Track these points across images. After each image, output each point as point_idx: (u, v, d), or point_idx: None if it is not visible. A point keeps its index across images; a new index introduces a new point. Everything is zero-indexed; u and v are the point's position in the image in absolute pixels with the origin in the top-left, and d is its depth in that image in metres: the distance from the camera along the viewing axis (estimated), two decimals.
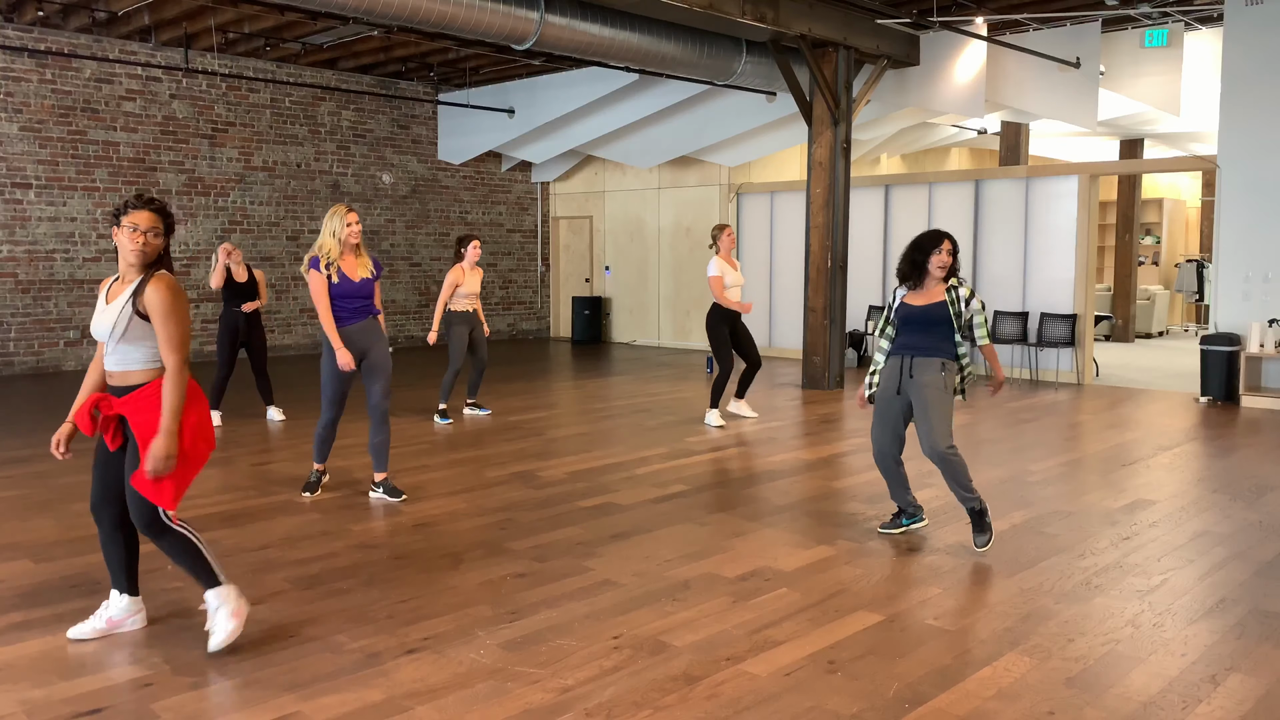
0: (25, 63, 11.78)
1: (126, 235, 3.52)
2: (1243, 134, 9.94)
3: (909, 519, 5.20)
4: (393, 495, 5.88)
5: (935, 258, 4.87)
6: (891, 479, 5.14)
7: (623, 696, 3.28)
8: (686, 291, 15.35)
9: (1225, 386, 9.79)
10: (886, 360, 5.07)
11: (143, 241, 3.52)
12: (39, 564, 4.68)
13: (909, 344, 4.95)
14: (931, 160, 18.56)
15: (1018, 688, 3.35)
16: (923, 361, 4.89)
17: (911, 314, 4.94)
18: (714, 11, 9.12)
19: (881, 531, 5.19)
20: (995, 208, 12.11)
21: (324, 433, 5.81)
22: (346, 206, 5.64)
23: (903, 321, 4.99)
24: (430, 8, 8.56)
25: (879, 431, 5.09)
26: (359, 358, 5.66)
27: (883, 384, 5.06)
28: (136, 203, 3.55)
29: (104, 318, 3.58)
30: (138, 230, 3.51)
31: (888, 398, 5.03)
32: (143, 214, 3.54)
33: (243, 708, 3.20)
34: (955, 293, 4.89)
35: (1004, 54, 11.41)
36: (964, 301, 4.89)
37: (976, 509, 4.89)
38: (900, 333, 5.01)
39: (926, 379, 4.86)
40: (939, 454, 4.78)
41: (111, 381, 3.61)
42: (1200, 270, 17.86)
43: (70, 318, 12.29)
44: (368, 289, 5.67)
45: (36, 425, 8.37)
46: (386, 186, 15.26)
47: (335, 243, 5.56)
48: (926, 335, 4.90)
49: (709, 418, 8.47)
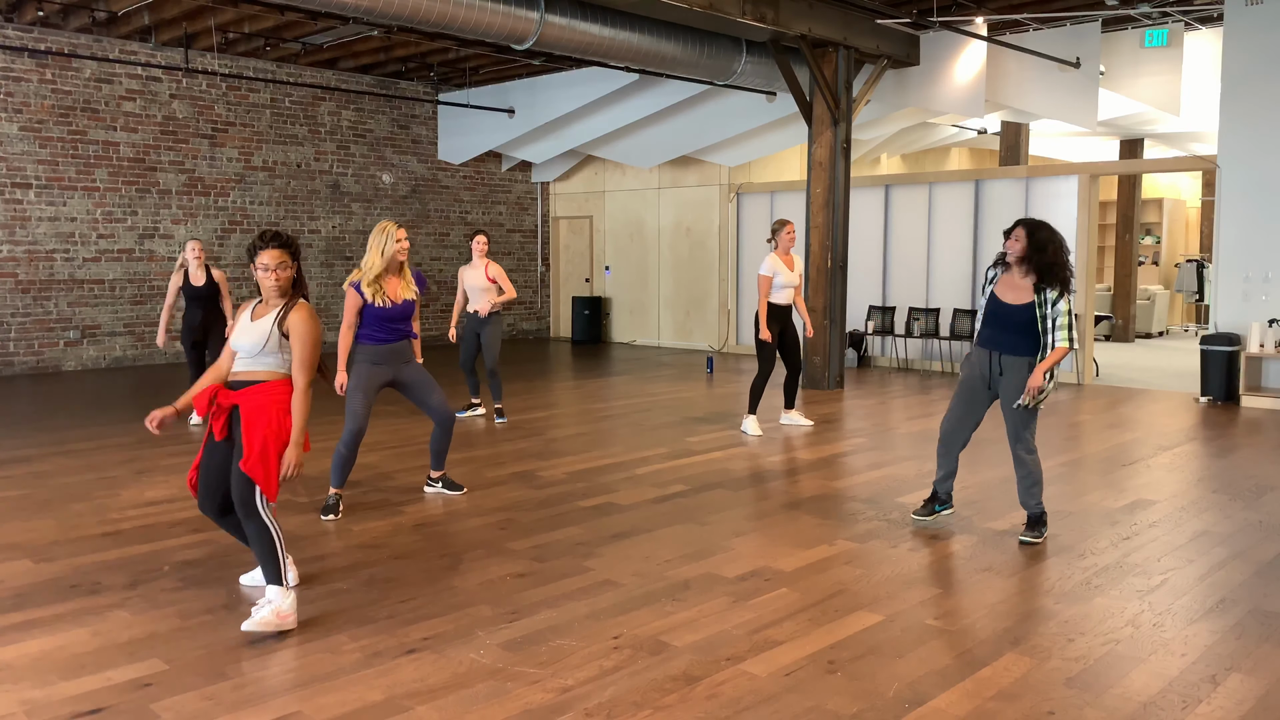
0: (25, 63, 11.78)
1: (259, 274, 3.92)
2: (1243, 134, 9.94)
3: (941, 505, 5.35)
4: (452, 489, 6.01)
5: (1007, 243, 4.92)
6: (948, 461, 5.25)
7: (623, 696, 3.28)
8: (687, 291, 15.35)
9: (1225, 386, 9.79)
10: (974, 348, 5.12)
11: (275, 278, 3.91)
12: (39, 564, 4.68)
13: (995, 340, 5.00)
14: (931, 160, 18.56)
15: (1018, 688, 3.35)
16: (1011, 360, 4.96)
17: (998, 310, 4.98)
18: (714, 11, 9.12)
19: (915, 518, 5.33)
20: (995, 208, 12.11)
21: (346, 452, 5.55)
22: (396, 223, 5.55)
23: (989, 315, 5.03)
24: (430, 8, 8.56)
25: (957, 414, 5.17)
26: (388, 381, 5.62)
27: (971, 371, 5.11)
28: (261, 243, 3.92)
29: (250, 335, 3.93)
30: (269, 270, 3.91)
31: (975, 386, 5.10)
32: (269, 253, 3.91)
33: (243, 707, 3.20)
34: (1044, 294, 4.87)
35: (1004, 54, 11.41)
36: (1050, 303, 4.85)
37: (1037, 514, 5.05)
38: (985, 325, 5.05)
39: (1017, 381, 4.93)
40: (1023, 456, 4.98)
41: (234, 377, 3.96)
42: (1200, 270, 17.86)
43: (70, 318, 12.29)
44: (409, 310, 5.62)
45: (36, 425, 8.37)
46: (386, 186, 15.26)
47: (382, 261, 5.49)
48: (1010, 333, 4.95)
49: (746, 425, 7.96)
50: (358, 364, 5.57)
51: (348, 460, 5.58)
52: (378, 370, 5.56)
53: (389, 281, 5.55)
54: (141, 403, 9.64)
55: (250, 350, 3.91)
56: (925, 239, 12.74)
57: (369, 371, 5.54)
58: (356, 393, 5.54)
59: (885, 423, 8.66)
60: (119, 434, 7.96)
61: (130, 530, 5.25)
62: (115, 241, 12.59)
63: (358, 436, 5.54)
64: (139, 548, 4.94)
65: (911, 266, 12.88)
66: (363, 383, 5.54)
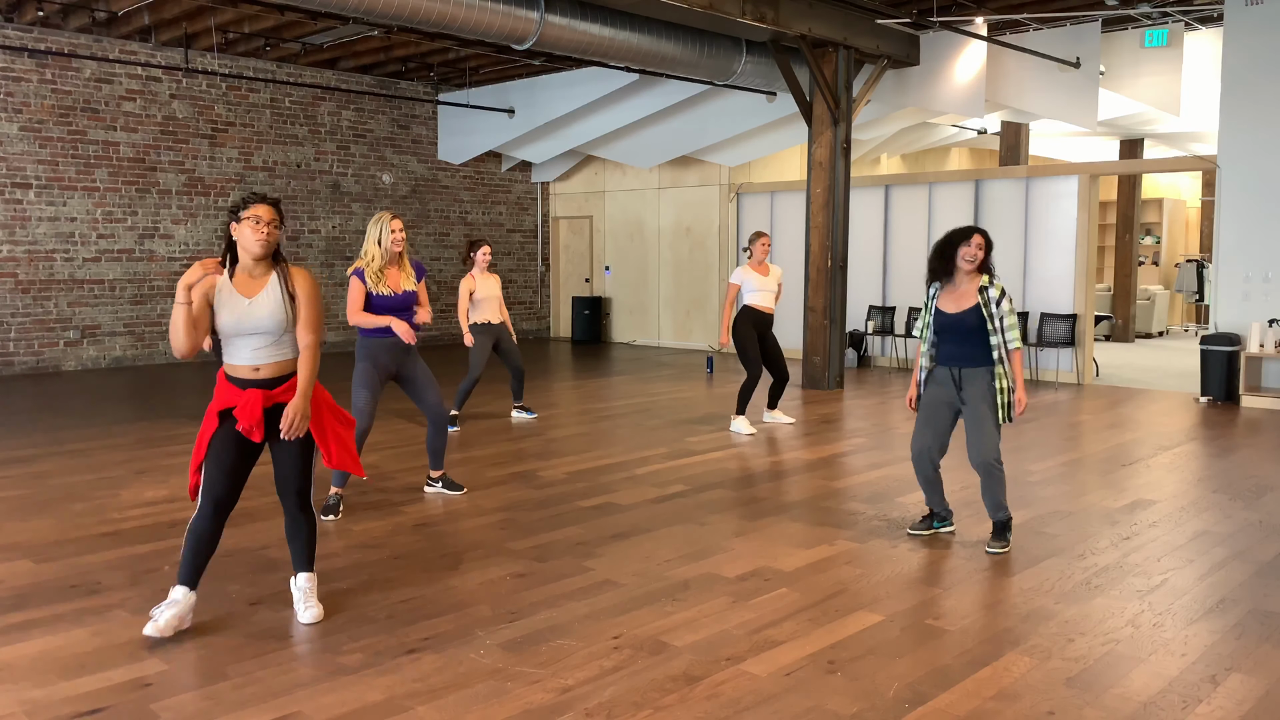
0: (25, 63, 11.78)
1: (250, 227, 3.71)
2: (1243, 134, 9.94)
3: (940, 522, 5.19)
4: (452, 489, 6.00)
5: (964, 249, 4.78)
6: (928, 482, 5.10)
7: (623, 696, 3.28)
8: (687, 292, 15.35)
9: (1225, 386, 9.79)
10: (934, 367, 5.01)
11: (267, 232, 3.73)
12: (39, 564, 4.68)
13: (952, 355, 4.89)
14: (931, 160, 18.56)
15: (1018, 688, 3.35)
16: (970, 373, 4.86)
17: (946, 323, 4.87)
18: (714, 11, 9.12)
19: (910, 533, 5.18)
20: (995, 208, 12.11)
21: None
22: (391, 213, 5.58)
23: (939, 330, 4.92)
24: (430, 8, 8.56)
25: (922, 434, 5.01)
26: (390, 375, 5.62)
27: (933, 390, 5.00)
28: (254, 197, 3.76)
29: (263, 309, 3.75)
30: (261, 222, 3.71)
31: (937, 404, 4.97)
32: (263, 207, 3.73)
33: (243, 707, 3.20)
34: (986, 293, 4.80)
35: (1004, 54, 11.42)
36: (994, 302, 4.79)
37: (1003, 521, 4.93)
38: (941, 342, 4.94)
39: (978, 391, 4.84)
40: (985, 465, 4.83)
41: (262, 374, 3.80)
42: (1200, 270, 17.86)
43: (70, 318, 12.29)
44: (411, 300, 5.63)
45: (36, 425, 8.37)
46: (386, 186, 15.25)
47: (379, 250, 5.51)
48: (966, 344, 4.84)
49: (736, 425, 8.09)
50: (361, 360, 5.59)
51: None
52: (381, 365, 5.59)
53: (389, 272, 5.58)
54: (142, 403, 9.64)
55: (276, 329, 3.77)
56: (925, 239, 12.74)
57: (372, 366, 5.57)
58: (361, 389, 5.56)
59: (885, 423, 8.66)
60: (119, 434, 7.96)
61: (130, 530, 5.25)
62: (115, 241, 12.59)
63: (363, 435, 5.56)
64: (139, 548, 4.94)
65: (911, 266, 12.88)
66: (367, 379, 5.56)
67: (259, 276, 3.81)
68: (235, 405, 3.76)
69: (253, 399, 3.75)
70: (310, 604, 3.96)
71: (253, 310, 3.75)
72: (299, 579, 4.02)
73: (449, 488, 6.04)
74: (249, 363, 3.79)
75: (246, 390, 3.78)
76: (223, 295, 3.76)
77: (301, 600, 3.98)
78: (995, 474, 4.83)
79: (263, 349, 3.79)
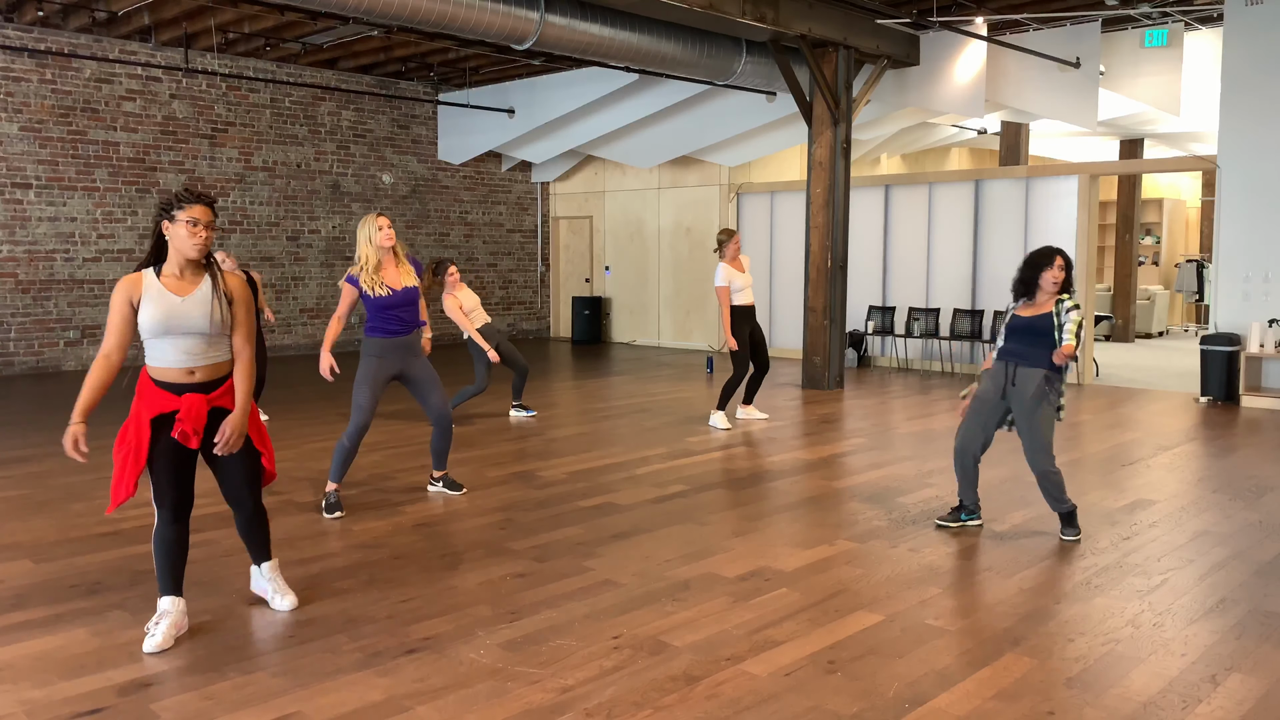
0: (25, 63, 11.78)
1: (185, 230, 3.56)
2: (1243, 134, 9.94)
3: (969, 515, 5.33)
4: (453, 489, 6.02)
5: (1047, 274, 4.99)
6: (965, 476, 5.27)
7: (623, 696, 3.28)
8: (687, 291, 15.35)
9: (1225, 386, 9.79)
10: (994, 363, 5.19)
11: (205, 236, 3.59)
12: (39, 564, 4.68)
13: (1013, 351, 5.08)
14: (931, 160, 18.56)
15: (1018, 688, 3.35)
16: (1026, 371, 5.02)
17: (1018, 324, 5.08)
18: (714, 11, 9.12)
19: (939, 523, 5.31)
20: (995, 208, 12.11)
21: (349, 445, 5.53)
22: (376, 212, 5.60)
23: (1009, 330, 5.13)
24: (430, 8, 8.56)
25: (970, 428, 5.20)
26: (395, 374, 5.61)
27: (986, 385, 5.17)
28: (189, 196, 3.57)
29: (197, 309, 3.59)
30: (199, 225, 3.57)
31: (988, 399, 5.15)
32: (200, 208, 3.58)
33: (243, 707, 3.20)
34: (1060, 305, 4.99)
35: (1004, 54, 11.41)
36: (1065, 311, 4.97)
37: (1068, 512, 5.11)
38: (1006, 339, 5.13)
39: (1029, 389, 4.99)
40: (1041, 473, 5.02)
41: (198, 378, 3.65)
42: (1200, 270, 17.86)
43: (70, 318, 12.30)
44: (413, 296, 5.62)
45: (36, 425, 8.37)
46: (386, 186, 15.26)
47: (373, 249, 5.50)
48: (1030, 344, 5.02)
49: (714, 419, 8.34)
50: (366, 357, 5.57)
51: (349, 454, 5.58)
52: (386, 363, 5.57)
53: (387, 271, 5.57)
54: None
55: (214, 330, 3.62)
56: (925, 239, 12.74)
57: (377, 365, 5.55)
58: (364, 386, 5.54)
59: (885, 423, 8.66)
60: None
61: (130, 530, 5.25)
62: (115, 242, 12.59)
63: (362, 431, 5.55)
64: (139, 548, 4.94)
65: (911, 266, 12.88)
66: (370, 376, 5.54)
67: (190, 278, 3.66)
68: (170, 410, 3.61)
69: (194, 404, 3.62)
70: (283, 590, 4.06)
71: (186, 309, 3.59)
72: (264, 569, 4.06)
73: (449, 488, 6.04)
74: (181, 365, 3.62)
75: (185, 395, 3.62)
76: (151, 293, 3.58)
77: (272, 589, 4.03)
78: (1051, 479, 5.04)
79: (197, 351, 3.63)
